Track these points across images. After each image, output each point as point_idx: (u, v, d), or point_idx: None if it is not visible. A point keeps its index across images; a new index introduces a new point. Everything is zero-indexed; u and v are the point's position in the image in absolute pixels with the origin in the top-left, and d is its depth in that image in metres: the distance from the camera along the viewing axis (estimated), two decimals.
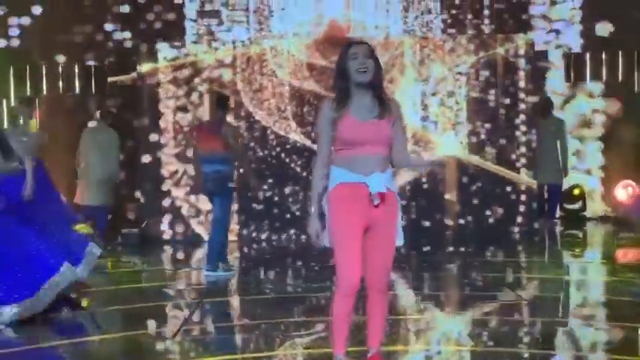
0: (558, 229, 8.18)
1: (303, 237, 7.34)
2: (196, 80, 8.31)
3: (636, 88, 8.97)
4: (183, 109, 8.24)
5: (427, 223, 8.25)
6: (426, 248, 7.43)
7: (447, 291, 5.90)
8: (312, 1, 8.72)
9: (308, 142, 8.09)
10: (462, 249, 7.59)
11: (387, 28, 8.72)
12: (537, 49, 8.75)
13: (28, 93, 8.37)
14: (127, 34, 8.62)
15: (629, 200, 8.27)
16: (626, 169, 8.67)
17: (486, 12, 8.72)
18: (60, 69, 8.80)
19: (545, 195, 7.41)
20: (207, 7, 8.58)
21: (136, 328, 4.53)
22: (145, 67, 8.38)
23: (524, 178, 8.26)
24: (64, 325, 4.68)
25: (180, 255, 7.80)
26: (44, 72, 8.82)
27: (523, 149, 8.39)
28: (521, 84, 8.43)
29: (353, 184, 3.00)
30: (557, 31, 8.95)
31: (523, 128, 8.41)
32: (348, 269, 3.00)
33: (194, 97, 8.28)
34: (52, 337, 4.41)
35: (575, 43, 9.05)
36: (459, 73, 8.36)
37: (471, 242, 7.89)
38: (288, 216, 8.16)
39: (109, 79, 8.65)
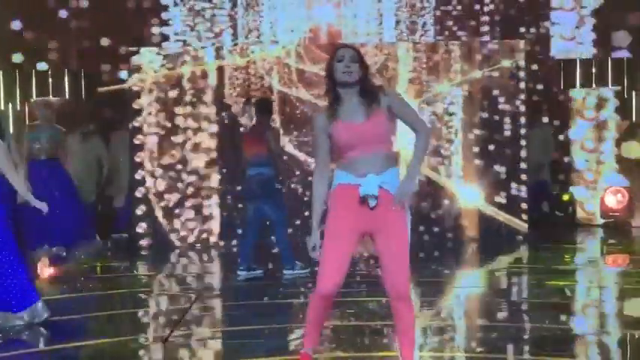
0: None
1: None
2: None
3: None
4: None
5: None
6: None
7: None
8: (303, 8, 8.72)
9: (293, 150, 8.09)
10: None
11: (379, 34, 8.70)
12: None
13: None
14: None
15: (619, 206, 8.25)
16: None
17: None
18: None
19: None
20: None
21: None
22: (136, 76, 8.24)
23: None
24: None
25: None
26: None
27: None
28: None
29: (347, 185, 3.01)
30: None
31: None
32: (323, 275, 3.02)
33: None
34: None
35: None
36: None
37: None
38: None
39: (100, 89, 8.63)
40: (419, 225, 7.57)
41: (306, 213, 5.96)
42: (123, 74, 8.47)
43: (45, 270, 6.26)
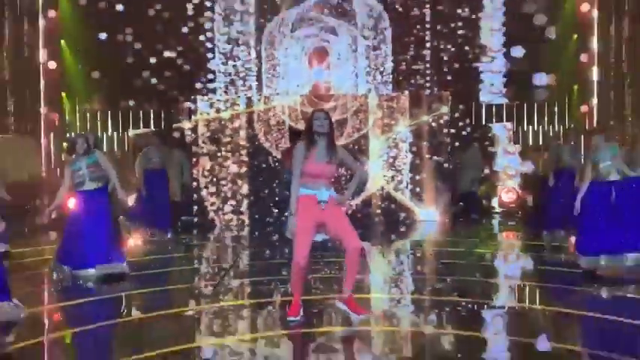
0: None
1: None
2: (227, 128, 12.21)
3: None
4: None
5: None
6: None
7: None
8: (304, 69, 12.92)
9: None
10: None
11: (354, 88, 12.87)
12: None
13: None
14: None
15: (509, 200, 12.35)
16: None
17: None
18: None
19: None
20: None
21: None
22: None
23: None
24: None
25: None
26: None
27: None
28: None
29: (310, 195, 4.86)
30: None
31: None
32: (298, 250, 4.84)
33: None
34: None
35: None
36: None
37: None
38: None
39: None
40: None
41: None
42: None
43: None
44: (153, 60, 12.31)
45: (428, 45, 12.84)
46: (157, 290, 6.59)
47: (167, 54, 12.36)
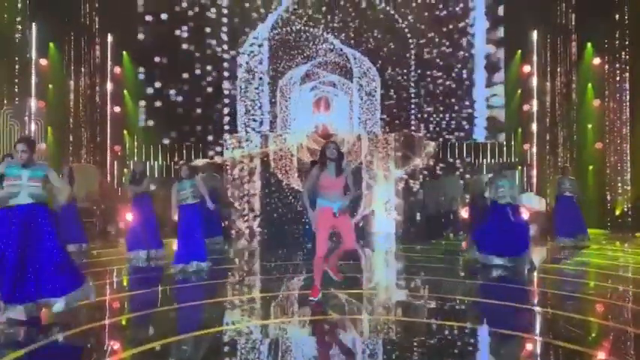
0: None
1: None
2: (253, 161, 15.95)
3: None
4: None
5: None
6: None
7: None
8: (311, 113, 16.76)
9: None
10: None
11: (352, 131, 16.65)
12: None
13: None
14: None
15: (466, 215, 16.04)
16: None
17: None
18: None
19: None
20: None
21: None
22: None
23: None
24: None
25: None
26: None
27: None
28: None
29: (327, 207, 6.50)
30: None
31: None
32: (319, 247, 6.49)
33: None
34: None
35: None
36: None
37: None
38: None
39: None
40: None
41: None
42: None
43: None
44: (198, 110, 16.10)
45: (413, 95, 16.74)
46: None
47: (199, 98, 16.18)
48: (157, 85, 16.15)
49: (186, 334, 5.52)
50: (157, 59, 16.02)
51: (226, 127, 16.43)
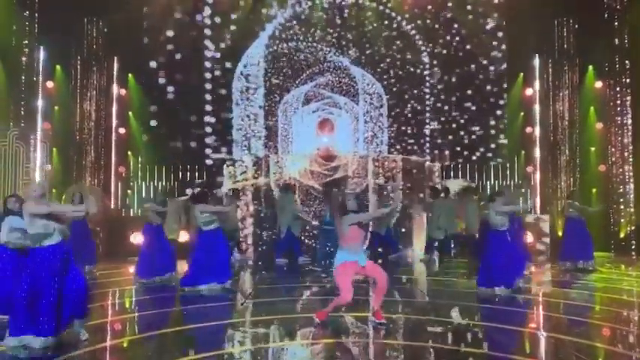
0: None
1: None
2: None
3: None
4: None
5: None
6: None
7: None
8: (314, 135, 16.84)
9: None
10: None
11: (354, 151, 16.72)
12: None
13: None
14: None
15: None
16: None
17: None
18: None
19: None
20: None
21: None
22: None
23: None
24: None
25: None
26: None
27: None
28: None
29: (352, 262, 6.72)
30: None
31: None
32: (345, 293, 6.65)
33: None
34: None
35: None
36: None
37: None
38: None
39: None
40: None
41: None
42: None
43: None
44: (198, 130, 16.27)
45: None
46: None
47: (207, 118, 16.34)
48: (162, 106, 16.28)
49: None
50: (161, 80, 16.17)
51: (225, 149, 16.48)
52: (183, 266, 10.60)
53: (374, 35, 17.02)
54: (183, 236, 14.43)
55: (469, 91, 17.02)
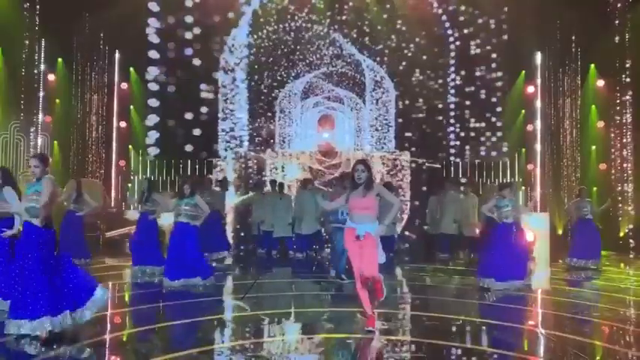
0: None
1: None
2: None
3: None
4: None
5: None
6: None
7: None
8: (315, 132, 16.81)
9: None
10: None
11: (355, 147, 16.68)
12: None
13: None
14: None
15: None
16: None
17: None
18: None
19: None
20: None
21: None
22: None
23: None
24: None
25: None
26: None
27: None
28: None
29: (351, 228, 6.15)
30: None
31: None
32: (354, 273, 6.22)
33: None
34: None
35: None
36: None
37: None
38: None
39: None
40: None
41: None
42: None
43: None
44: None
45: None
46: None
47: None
48: (163, 100, 16.22)
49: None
50: (163, 76, 16.11)
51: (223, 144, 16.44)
52: None
53: (374, 25, 16.84)
54: None
55: (472, 88, 16.98)
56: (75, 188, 11.29)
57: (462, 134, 17.00)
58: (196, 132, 15.56)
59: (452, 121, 16.98)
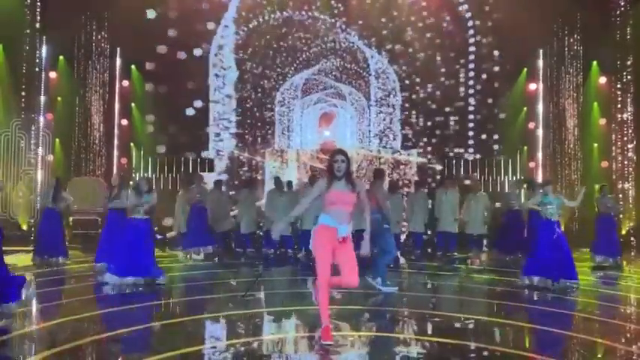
0: None
1: None
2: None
3: None
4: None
5: None
6: None
7: None
8: (315, 129, 16.79)
9: None
10: None
11: (359, 145, 16.63)
12: None
13: None
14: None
15: None
16: None
17: None
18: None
19: None
20: None
21: None
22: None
23: None
24: None
25: None
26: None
27: None
28: None
29: (331, 227, 5.23)
30: None
31: None
32: (321, 272, 5.22)
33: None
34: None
35: None
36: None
37: None
38: None
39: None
40: None
41: None
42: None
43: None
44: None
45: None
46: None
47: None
48: (163, 98, 16.23)
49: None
50: (163, 73, 16.10)
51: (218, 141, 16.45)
52: None
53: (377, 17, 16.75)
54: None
55: (478, 87, 16.93)
56: (54, 186, 11.16)
57: (464, 132, 16.96)
58: (196, 132, 15.60)
59: (455, 118, 16.94)
